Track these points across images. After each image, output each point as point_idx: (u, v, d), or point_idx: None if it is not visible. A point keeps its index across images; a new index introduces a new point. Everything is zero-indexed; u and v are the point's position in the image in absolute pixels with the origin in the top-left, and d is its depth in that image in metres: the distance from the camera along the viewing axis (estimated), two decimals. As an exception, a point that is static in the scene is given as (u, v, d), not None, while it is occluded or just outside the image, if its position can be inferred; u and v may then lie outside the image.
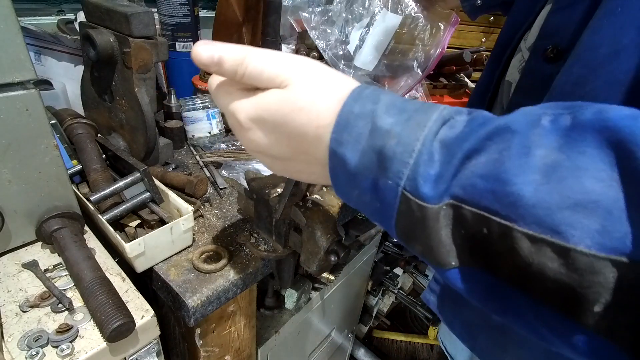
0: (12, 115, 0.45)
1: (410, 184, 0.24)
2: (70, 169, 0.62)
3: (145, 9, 0.61)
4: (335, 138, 0.27)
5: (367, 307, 1.54)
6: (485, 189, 0.21)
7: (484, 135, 0.23)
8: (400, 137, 0.24)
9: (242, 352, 0.69)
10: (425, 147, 0.24)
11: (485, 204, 0.21)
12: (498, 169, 0.21)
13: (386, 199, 0.26)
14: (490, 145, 0.22)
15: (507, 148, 0.21)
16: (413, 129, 0.24)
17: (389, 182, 0.25)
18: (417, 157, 0.24)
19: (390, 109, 0.26)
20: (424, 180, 0.23)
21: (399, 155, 0.24)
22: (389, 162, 0.25)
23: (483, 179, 0.22)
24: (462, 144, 0.23)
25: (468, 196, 0.22)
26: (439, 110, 0.25)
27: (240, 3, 1.05)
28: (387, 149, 0.25)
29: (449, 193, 0.23)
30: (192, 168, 0.77)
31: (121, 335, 0.40)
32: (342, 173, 0.27)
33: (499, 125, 0.23)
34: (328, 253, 0.44)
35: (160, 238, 0.52)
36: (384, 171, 0.25)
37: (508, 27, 0.54)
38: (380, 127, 0.25)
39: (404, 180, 0.24)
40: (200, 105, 0.82)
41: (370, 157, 0.26)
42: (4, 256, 0.51)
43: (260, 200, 0.55)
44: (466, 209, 0.22)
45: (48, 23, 0.96)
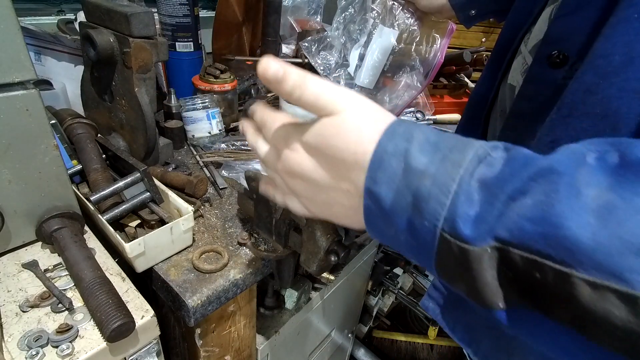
0: (12, 115, 0.45)
1: (449, 225, 0.23)
2: (70, 169, 0.62)
3: (145, 9, 0.61)
4: (370, 176, 0.27)
5: (367, 307, 1.54)
6: (536, 233, 0.21)
7: (528, 176, 0.22)
8: (435, 178, 0.24)
9: (242, 352, 0.69)
10: (462, 187, 0.23)
11: (536, 247, 0.21)
12: (548, 212, 0.20)
13: (423, 240, 0.25)
14: (536, 187, 0.21)
15: (555, 190, 0.21)
16: (448, 168, 0.24)
17: (425, 223, 0.24)
18: (454, 197, 0.23)
19: (424, 147, 0.25)
20: (464, 221, 0.23)
21: (435, 195, 0.24)
22: (425, 203, 0.24)
23: (532, 222, 0.21)
24: (504, 185, 0.22)
25: (516, 239, 0.21)
26: (475, 148, 0.25)
27: (240, 3, 1.05)
28: (422, 189, 0.24)
29: (493, 235, 0.22)
30: (192, 168, 0.77)
31: (121, 335, 0.40)
32: (377, 212, 0.27)
33: (543, 166, 0.22)
34: (328, 253, 0.44)
35: (160, 238, 0.52)
36: (420, 212, 0.25)
37: (508, 29, 0.53)
38: (414, 167, 0.25)
39: (441, 222, 0.24)
40: (200, 105, 0.82)
41: (406, 196, 0.25)
42: (4, 256, 0.51)
43: (260, 200, 0.55)
44: (514, 253, 0.22)
45: (48, 23, 0.96)
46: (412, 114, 1.00)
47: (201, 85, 0.87)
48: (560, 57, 0.38)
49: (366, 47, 0.91)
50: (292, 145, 0.31)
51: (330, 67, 0.92)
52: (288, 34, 1.33)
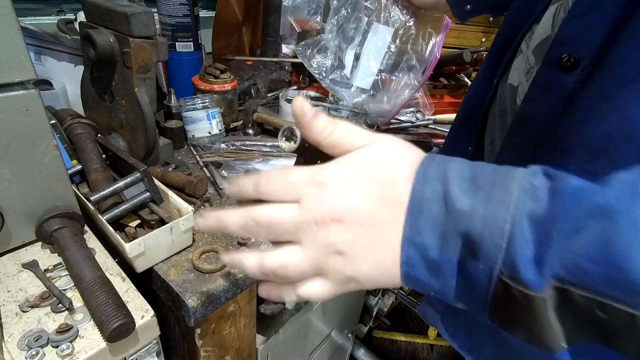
0: (12, 115, 0.45)
1: (509, 270, 0.22)
2: (70, 169, 0.62)
3: (145, 9, 0.61)
4: (411, 226, 0.25)
5: (367, 307, 1.54)
6: (597, 274, 0.20)
7: (583, 214, 0.21)
8: (485, 220, 0.23)
9: (242, 352, 0.69)
10: (517, 228, 0.22)
11: (599, 289, 0.20)
12: (609, 252, 0.20)
13: (477, 283, 0.24)
14: (592, 225, 0.21)
15: (615, 229, 0.20)
16: (497, 208, 0.23)
17: (480, 267, 0.23)
18: (509, 239, 0.22)
19: (463, 186, 0.24)
20: (525, 265, 0.22)
21: (488, 238, 0.23)
22: (478, 246, 0.23)
23: (592, 262, 0.20)
24: (556, 224, 0.21)
25: (576, 279, 0.21)
26: (517, 181, 0.24)
27: (240, 3, 1.05)
28: (474, 233, 0.23)
29: (554, 275, 0.21)
30: (192, 168, 0.77)
31: (121, 335, 0.40)
32: (421, 261, 0.26)
33: (598, 203, 0.21)
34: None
35: (160, 238, 0.52)
36: (473, 255, 0.24)
37: (507, 27, 0.53)
38: (459, 210, 0.24)
39: (499, 265, 0.23)
40: (200, 105, 0.82)
41: (454, 241, 0.24)
42: (4, 256, 0.51)
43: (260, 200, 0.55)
44: (575, 293, 0.21)
45: (48, 23, 0.96)
46: (412, 114, 1.00)
47: (201, 85, 0.87)
48: (571, 60, 0.36)
49: (362, 47, 0.90)
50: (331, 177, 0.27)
51: (326, 70, 0.92)
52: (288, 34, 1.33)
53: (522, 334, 0.24)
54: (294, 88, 1.05)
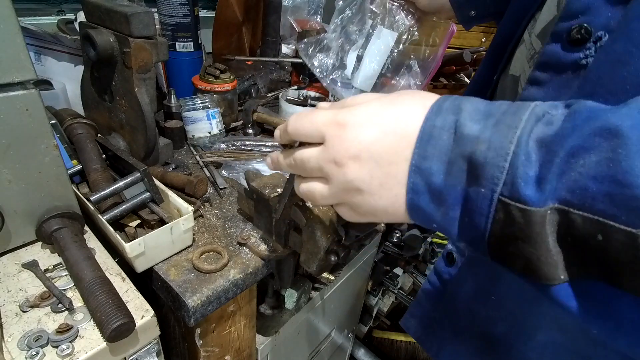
0: (12, 115, 0.45)
1: (509, 188, 0.22)
2: (70, 169, 0.62)
3: (145, 9, 0.61)
4: (419, 153, 0.26)
5: (367, 307, 1.54)
6: (600, 192, 0.19)
7: (592, 131, 0.20)
8: (490, 142, 0.23)
9: (242, 352, 0.69)
10: (521, 148, 0.22)
11: (600, 208, 0.19)
12: (614, 170, 0.19)
13: (478, 210, 0.24)
14: (601, 143, 0.20)
15: (623, 145, 0.19)
16: (504, 131, 0.23)
17: (482, 190, 0.23)
18: (512, 159, 0.22)
19: (475, 116, 0.24)
20: (525, 182, 0.21)
21: (492, 159, 0.23)
22: (481, 169, 0.23)
23: (596, 181, 0.19)
24: (564, 141, 0.21)
25: (578, 200, 0.20)
26: (530, 108, 0.23)
27: (240, 3, 1.05)
28: (478, 155, 0.23)
29: (555, 196, 0.21)
30: (192, 168, 0.77)
31: (121, 335, 0.40)
32: (426, 189, 0.26)
33: (610, 120, 0.20)
34: (328, 253, 0.44)
35: (160, 238, 0.52)
36: (476, 179, 0.23)
37: (509, 18, 0.51)
38: (467, 135, 0.24)
39: (500, 186, 0.22)
40: (200, 105, 0.82)
41: (459, 166, 0.24)
42: (4, 256, 0.51)
43: (260, 200, 0.55)
44: (576, 214, 0.20)
45: (48, 23, 0.96)
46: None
47: (201, 85, 0.87)
48: (581, 32, 0.33)
49: (364, 49, 0.90)
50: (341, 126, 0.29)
51: (327, 69, 0.91)
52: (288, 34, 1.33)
53: (519, 264, 0.23)
54: (294, 88, 1.05)
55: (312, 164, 0.31)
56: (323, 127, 0.30)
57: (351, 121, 0.29)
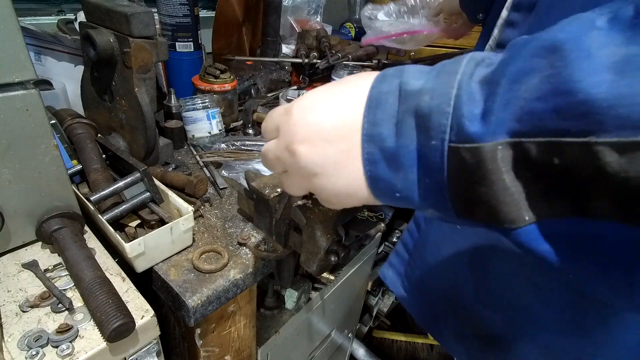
0: (12, 115, 0.45)
1: (455, 132, 0.21)
2: (70, 169, 0.62)
3: (145, 9, 0.61)
4: (369, 120, 0.25)
5: (367, 307, 1.54)
6: (546, 110, 0.18)
7: (530, 53, 0.20)
8: (433, 91, 0.22)
9: (242, 352, 0.69)
10: (463, 89, 0.21)
11: (550, 126, 0.18)
12: (556, 82, 0.18)
13: (434, 165, 0.23)
14: (539, 62, 0.19)
15: (561, 57, 0.18)
16: (444, 78, 0.22)
17: (432, 143, 0.22)
18: (455, 102, 0.21)
19: (417, 74, 0.24)
20: (470, 120, 0.21)
21: (436, 107, 0.22)
22: (428, 120, 0.22)
23: (540, 100, 0.19)
24: (505, 70, 0.20)
25: (527, 126, 0.19)
26: (469, 55, 0.23)
27: (240, 3, 1.05)
28: (422, 106, 0.23)
29: (504, 130, 0.20)
30: (192, 168, 0.77)
31: (121, 335, 0.40)
32: (381, 155, 0.25)
33: (545, 39, 0.20)
34: (328, 253, 0.44)
35: (160, 238, 0.52)
36: (426, 132, 0.23)
37: None
38: (410, 91, 0.23)
39: (447, 133, 0.21)
40: (200, 105, 0.82)
41: (408, 123, 0.23)
42: (4, 256, 0.51)
43: (260, 200, 0.55)
44: (528, 143, 0.19)
45: (48, 23, 0.96)
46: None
47: (201, 85, 0.87)
48: None
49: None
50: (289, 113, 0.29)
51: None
52: (288, 34, 1.33)
53: (482, 213, 0.22)
54: (294, 88, 1.05)
55: (270, 157, 0.31)
56: (276, 119, 0.30)
57: (298, 106, 0.28)
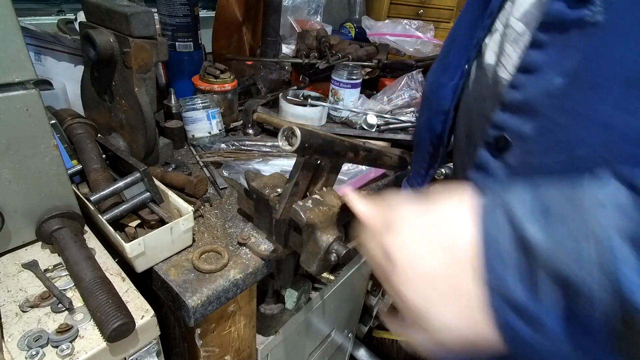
0: (12, 115, 0.45)
1: (626, 311, 0.20)
2: (70, 169, 0.62)
3: (145, 9, 0.61)
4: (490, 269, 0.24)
5: (367, 307, 1.53)
6: None
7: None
8: (579, 261, 0.21)
9: (242, 352, 0.69)
10: (619, 260, 0.21)
11: None
12: None
13: (591, 325, 0.22)
14: None
15: None
16: (585, 244, 0.21)
17: (587, 309, 0.21)
18: (616, 278, 0.20)
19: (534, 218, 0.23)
20: None
21: (590, 282, 0.21)
22: (579, 291, 0.21)
23: None
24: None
25: None
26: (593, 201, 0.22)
27: (240, 3, 1.05)
28: (567, 274, 0.22)
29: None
30: (192, 168, 0.77)
31: (121, 335, 0.40)
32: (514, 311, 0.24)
33: None
34: (328, 253, 0.44)
35: (160, 238, 0.52)
36: (575, 300, 0.22)
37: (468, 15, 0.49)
38: (539, 249, 0.22)
39: (614, 307, 0.21)
40: (200, 105, 0.82)
41: (546, 285, 0.22)
42: (4, 256, 0.51)
43: (260, 200, 0.55)
44: None
45: (48, 23, 0.95)
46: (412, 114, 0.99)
47: (201, 85, 0.87)
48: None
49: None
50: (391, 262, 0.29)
51: None
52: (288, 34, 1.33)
53: None
54: (294, 88, 1.05)
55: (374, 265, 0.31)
56: (378, 260, 0.30)
57: (400, 258, 0.28)
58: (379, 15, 1.68)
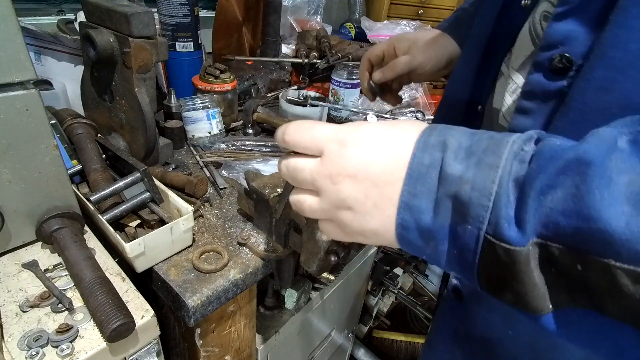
0: (12, 115, 0.45)
1: (493, 228, 0.23)
2: (70, 169, 0.62)
3: (145, 9, 0.61)
4: (408, 190, 0.26)
5: (367, 307, 1.53)
6: (570, 227, 0.20)
7: (555, 170, 0.22)
8: (474, 182, 0.24)
9: (242, 352, 0.69)
10: (502, 188, 0.23)
11: (573, 242, 0.20)
12: (579, 205, 0.20)
13: (466, 246, 0.25)
14: (564, 180, 0.21)
15: (584, 181, 0.20)
16: (486, 172, 0.24)
17: (468, 227, 0.24)
18: (495, 199, 0.23)
19: (458, 154, 0.25)
20: (508, 222, 0.22)
21: (476, 199, 0.24)
22: (466, 207, 0.24)
23: (565, 216, 0.20)
24: (532, 182, 0.22)
25: (552, 233, 0.21)
26: (509, 145, 0.24)
27: (240, 3, 1.05)
28: (462, 194, 0.24)
29: (533, 232, 0.22)
30: (192, 168, 0.77)
31: (121, 335, 0.40)
32: (415, 225, 0.27)
33: (570, 158, 0.21)
34: (328, 253, 0.44)
35: (160, 238, 0.52)
36: (462, 217, 0.24)
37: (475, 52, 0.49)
38: (450, 175, 0.25)
39: (485, 225, 0.23)
40: (200, 105, 0.82)
41: (446, 204, 0.25)
42: (4, 256, 0.51)
43: (260, 200, 0.55)
44: (553, 247, 0.21)
45: (48, 23, 0.96)
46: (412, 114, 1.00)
47: (201, 85, 0.87)
48: (563, 61, 0.33)
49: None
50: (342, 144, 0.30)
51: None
52: (288, 34, 1.33)
53: (508, 297, 0.24)
54: (294, 88, 1.05)
55: (304, 175, 0.31)
56: (323, 142, 0.30)
57: (352, 139, 0.29)
58: (379, 16, 1.69)
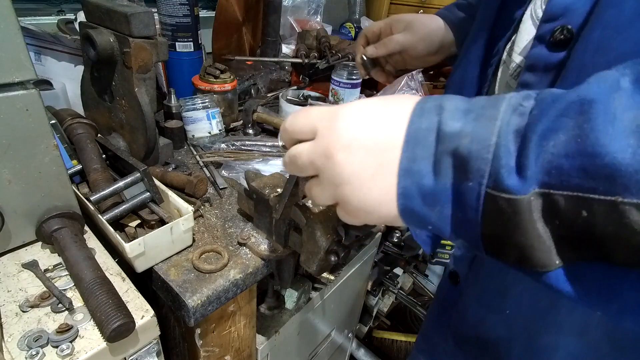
0: (12, 115, 0.45)
1: (494, 180, 0.22)
2: (70, 169, 0.62)
3: (145, 9, 0.61)
4: (407, 156, 0.26)
5: (367, 307, 1.54)
6: (573, 168, 0.20)
7: (557, 112, 0.21)
8: (473, 135, 0.23)
9: (242, 352, 0.69)
10: (502, 139, 0.23)
11: (577, 183, 0.20)
12: (583, 143, 0.20)
13: (469, 204, 0.24)
14: (567, 122, 0.21)
15: (588, 120, 0.20)
16: (485, 124, 0.23)
17: (469, 184, 0.23)
18: (495, 150, 0.23)
19: (456, 114, 0.25)
20: (508, 172, 0.22)
21: (476, 152, 0.23)
22: (466, 162, 0.23)
23: (568, 157, 0.20)
24: (534, 127, 0.22)
25: (555, 180, 0.21)
26: (507, 100, 0.24)
27: (240, 3, 1.05)
28: (462, 149, 0.24)
29: (535, 181, 0.21)
30: (192, 168, 0.77)
31: (121, 335, 0.40)
32: (417, 190, 0.26)
33: (572, 100, 0.21)
34: (328, 253, 0.44)
35: (160, 238, 0.52)
36: (463, 173, 0.24)
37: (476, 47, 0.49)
38: (449, 133, 0.24)
39: (485, 179, 0.23)
40: (200, 105, 0.82)
41: (446, 162, 0.24)
42: (4, 256, 0.51)
43: (260, 200, 0.55)
44: (557, 195, 0.21)
45: (48, 23, 0.96)
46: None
47: (201, 85, 0.87)
48: (564, 32, 0.33)
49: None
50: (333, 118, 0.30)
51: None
52: (288, 34, 1.33)
53: (513, 254, 0.23)
54: (294, 88, 1.05)
55: (303, 159, 0.31)
56: (316, 121, 0.30)
57: (343, 112, 0.29)
58: (379, 16, 1.69)
